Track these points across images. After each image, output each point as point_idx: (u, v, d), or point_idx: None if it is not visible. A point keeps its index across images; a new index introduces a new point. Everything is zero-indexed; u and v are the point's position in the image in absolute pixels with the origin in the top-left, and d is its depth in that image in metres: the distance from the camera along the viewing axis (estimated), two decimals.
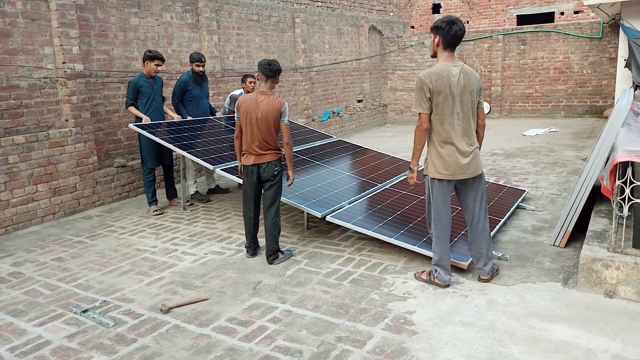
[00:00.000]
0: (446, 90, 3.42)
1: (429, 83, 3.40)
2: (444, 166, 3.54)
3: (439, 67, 3.46)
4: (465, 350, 2.91)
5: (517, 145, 9.58)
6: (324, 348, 2.99)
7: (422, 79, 3.43)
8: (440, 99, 3.43)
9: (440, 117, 3.47)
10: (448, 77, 3.43)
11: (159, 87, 6.13)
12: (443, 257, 3.69)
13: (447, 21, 3.45)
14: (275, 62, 4.24)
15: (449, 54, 3.51)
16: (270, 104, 4.17)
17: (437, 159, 3.55)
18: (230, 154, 5.75)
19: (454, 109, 3.48)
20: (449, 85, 3.42)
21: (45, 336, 3.28)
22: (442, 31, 3.45)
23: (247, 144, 4.25)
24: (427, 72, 3.45)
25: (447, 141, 3.51)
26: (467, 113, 3.52)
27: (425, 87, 3.41)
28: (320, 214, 4.61)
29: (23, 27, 5.66)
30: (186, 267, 4.37)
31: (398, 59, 13.60)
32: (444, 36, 3.46)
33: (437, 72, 3.42)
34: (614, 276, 3.46)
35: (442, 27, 3.45)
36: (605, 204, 4.54)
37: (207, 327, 3.31)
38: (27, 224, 5.67)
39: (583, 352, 2.84)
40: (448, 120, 3.48)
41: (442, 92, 3.42)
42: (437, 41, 3.50)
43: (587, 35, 12.55)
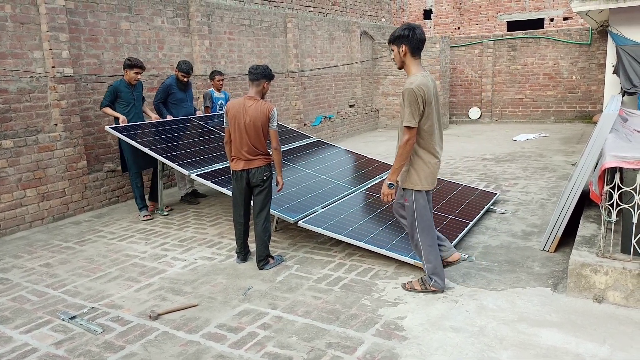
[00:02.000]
0: (431, 100, 3.41)
1: (423, 95, 3.33)
2: (430, 177, 3.53)
3: (422, 77, 3.40)
4: (456, 355, 2.91)
5: (507, 150, 9.64)
6: (314, 354, 2.98)
7: (415, 91, 3.31)
8: (429, 110, 3.41)
9: (430, 128, 3.45)
10: (431, 86, 3.43)
11: (139, 93, 6.13)
12: (437, 264, 3.68)
13: (408, 27, 3.40)
14: (261, 67, 4.21)
15: (419, 62, 3.49)
16: (258, 109, 4.15)
17: (424, 170, 3.50)
18: (206, 157, 5.76)
19: (435, 117, 3.48)
20: (432, 94, 3.41)
21: (32, 343, 3.23)
22: (407, 39, 3.40)
23: (236, 149, 4.23)
24: (417, 83, 3.36)
25: (433, 152, 3.51)
26: (440, 120, 3.58)
27: (420, 99, 3.32)
28: (292, 219, 4.64)
29: (12, 31, 5.62)
30: (176, 272, 4.34)
31: (390, 64, 13.65)
32: (410, 43, 3.41)
33: (424, 83, 3.37)
34: (603, 281, 3.48)
35: (406, 35, 3.39)
36: (594, 209, 4.57)
37: (197, 333, 3.29)
38: (15, 229, 5.61)
39: (572, 357, 2.85)
40: (434, 131, 3.48)
41: (430, 102, 3.39)
42: (404, 50, 3.44)
43: (576, 42, 12.69)
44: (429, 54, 12.96)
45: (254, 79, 4.19)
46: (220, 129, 6.80)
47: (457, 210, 5.32)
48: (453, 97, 14.38)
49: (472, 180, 7.22)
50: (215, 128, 6.80)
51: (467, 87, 14.24)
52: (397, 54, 3.49)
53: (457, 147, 10.32)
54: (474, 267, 4.17)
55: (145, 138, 5.76)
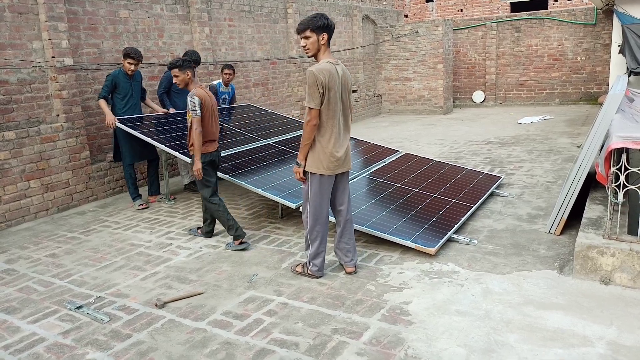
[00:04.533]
0: (335, 87, 3.48)
1: (322, 79, 3.40)
2: (329, 162, 3.58)
3: (327, 64, 3.48)
4: (462, 339, 2.91)
5: (511, 133, 9.57)
6: (320, 340, 2.98)
7: (315, 74, 3.39)
8: (331, 96, 3.48)
9: (330, 113, 3.52)
10: (335, 74, 3.49)
11: (138, 84, 6.10)
12: (319, 250, 3.77)
13: (325, 17, 3.47)
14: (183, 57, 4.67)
15: (329, 51, 3.59)
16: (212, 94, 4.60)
17: (323, 155, 3.57)
18: None
19: (337, 105, 3.55)
20: (336, 82, 3.49)
21: (40, 333, 3.25)
22: (328, 28, 3.48)
23: (213, 132, 4.57)
24: (319, 67, 3.44)
25: (332, 137, 3.56)
26: (346, 110, 3.66)
27: (319, 82, 3.40)
28: (294, 205, 4.65)
29: (10, 21, 5.57)
30: (181, 261, 4.34)
31: (392, 48, 13.52)
32: (329, 32, 3.51)
33: (327, 69, 3.45)
34: (610, 263, 3.46)
35: (328, 24, 3.47)
36: (600, 191, 4.54)
37: (203, 321, 3.30)
38: (20, 220, 5.62)
39: (579, 340, 2.84)
40: (335, 117, 3.55)
41: (332, 88, 3.47)
42: (324, 39, 3.51)
43: (581, 22, 12.51)
44: (431, 37, 12.82)
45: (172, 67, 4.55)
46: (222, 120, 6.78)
47: (461, 194, 5.29)
48: (456, 81, 14.26)
49: (476, 164, 7.18)
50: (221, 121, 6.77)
51: (471, 70, 14.10)
52: (314, 42, 3.52)
53: (461, 131, 10.26)
54: (479, 251, 4.15)
55: (149, 129, 5.75)
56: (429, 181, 5.62)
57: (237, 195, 6.35)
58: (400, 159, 6.38)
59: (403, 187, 5.34)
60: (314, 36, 3.49)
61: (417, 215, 4.67)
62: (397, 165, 6.10)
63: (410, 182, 5.52)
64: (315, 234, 3.73)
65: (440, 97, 13.07)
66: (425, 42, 12.97)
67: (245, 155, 5.69)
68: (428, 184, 5.53)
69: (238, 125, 6.70)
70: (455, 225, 4.50)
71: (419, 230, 4.35)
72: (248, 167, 5.36)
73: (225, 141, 6.00)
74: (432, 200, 5.06)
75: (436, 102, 13.15)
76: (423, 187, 5.42)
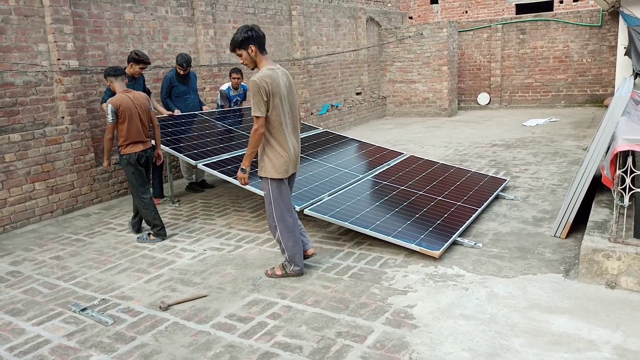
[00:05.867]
0: (279, 93, 3.57)
1: (266, 86, 3.47)
2: (283, 166, 3.67)
3: (269, 71, 3.57)
4: (466, 343, 2.89)
5: (517, 135, 9.53)
6: (324, 343, 2.97)
7: (258, 82, 3.46)
8: (277, 101, 3.56)
9: (278, 118, 3.60)
10: (278, 80, 3.58)
11: (140, 87, 6.11)
12: (296, 250, 3.84)
13: (249, 29, 3.59)
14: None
15: (267, 57, 3.68)
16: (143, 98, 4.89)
17: (277, 159, 3.65)
18: (213, 148, 5.76)
19: (284, 109, 3.64)
20: (279, 87, 3.57)
21: (44, 335, 3.26)
22: (252, 39, 3.58)
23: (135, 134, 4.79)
24: (261, 75, 3.51)
25: (284, 141, 3.65)
26: (294, 112, 3.75)
27: (263, 90, 3.47)
28: (298, 207, 4.64)
29: (16, 24, 5.60)
30: (185, 263, 4.35)
31: (396, 50, 13.51)
32: (256, 41, 3.60)
33: (270, 75, 3.53)
34: (615, 267, 3.44)
35: (250, 36, 3.58)
36: (606, 194, 4.51)
37: (207, 324, 3.29)
38: (25, 222, 5.65)
39: (584, 344, 2.83)
40: (283, 121, 3.64)
41: (277, 94, 3.55)
42: (253, 51, 3.61)
43: (586, 24, 12.46)
44: (436, 39, 12.80)
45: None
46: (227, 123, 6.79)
47: (466, 197, 5.27)
48: (461, 83, 14.22)
49: (481, 166, 7.15)
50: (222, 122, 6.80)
51: (476, 72, 14.07)
52: (247, 57, 3.64)
53: (466, 133, 10.23)
54: (484, 254, 4.13)
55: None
56: (434, 184, 5.60)
57: (241, 197, 6.35)
58: (404, 161, 6.36)
59: (407, 190, 5.33)
60: (244, 52, 3.63)
61: (421, 218, 4.65)
62: (401, 167, 6.08)
63: (414, 185, 5.50)
64: (288, 236, 3.80)
65: (445, 100, 13.04)
66: (429, 44, 12.95)
67: None
68: (433, 186, 5.52)
69: (243, 128, 6.70)
70: (460, 229, 4.49)
71: (423, 233, 4.34)
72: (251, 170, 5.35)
73: (229, 143, 6.01)
74: (436, 203, 5.04)
75: (441, 105, 13.13)
76: (427, 189, 5.40)
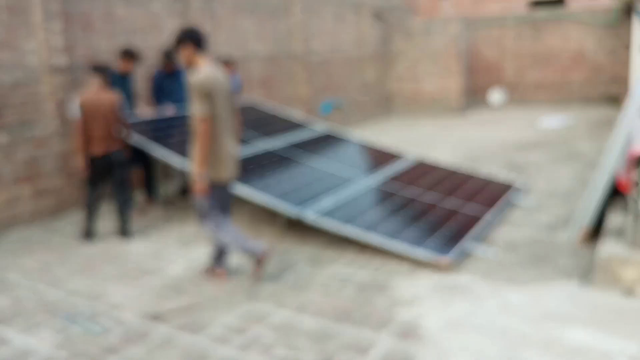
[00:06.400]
0: (222, 94, 3.54)
1: (209, 87, 3.43)
2: (224, 169, 3.63)
3: (210, 71, 3.50)
4: (477, 357, 2.75)
5: (529, 136, 9.32)
6: (324, 357, 2.83)
7: (203, 83, 3.41)
8: (219, 102, 3.52)
9: (218, 120, 3.55)
10: (220, 79, 3.54)
11: (131, 83, 6.00)
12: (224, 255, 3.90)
13: (185, 29, 3.56)
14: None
15: (206, 57, 3.62)
16: (108, 99, 4.83)
17: (219, 162, 3.60)
18: None
19: (223, 112, 3.59)
20: (221, 86, 3.53)
21: (31, 344, 3.12)
22: (189, 38, 3.54)
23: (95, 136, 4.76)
24: (205, 76, 3.44)
25: (224, 144, 3.61)
26: (231, 115, 3.71)
27: (207, 91, 3.43)
28: (299, 213, 4.50)
29: (5, 21, 5.44)
30: (178, 271, 4.19)
31: (403, 46, 13.29)
32: (193, 40, 3.55)
33: (213, 76, 3.48)
34: (632, 274, 3.32)
35: (188, 35, 3.54)
36: (623, 199, 4.33)
37: (200, 334, 3.14)
38: (12, 227, 5.47)
39: (600, 355, 2.70)
40: (224, 123, 3.61)
41: (219, 95, 3.51)
42: (190, 50, 3.56)
43: (601, 22, 12.18)
44: (445, 35, 12.56)
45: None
46: None
47: (476, 202, 5.09)
48: (472, 81, 13.95)
49: (493, 169, 6.96)
50: None
51: (487, 70, 13.77)
52: (184, 56, 3.61)
53: (476, 133, 10.02)
54: (495, 262, 3.98)
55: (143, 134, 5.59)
56: (442, 188, 5.42)
57: (238, 201, 6.19)
58: (410, 165, 6.17)
59: (414, 195, 5.15)
60: (182, 50, 3.60)
61: (429, 224, 4.49)
62: (408, 172, 5.89)
63: (422, 190, 5.32)
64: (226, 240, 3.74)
65: (454, 98, 12.80)
66: (438, 41, 12.70)
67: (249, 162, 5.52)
68: (441, 191, 5.33)
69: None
70: (470, 235, 4.32)
71: (431, 240, 4.17)
72: (250, 173, 5.20)
73: None
74: (445, 208, 4.86)
75: (450, 103, 12.89)
76: (435, 194, 5.22)
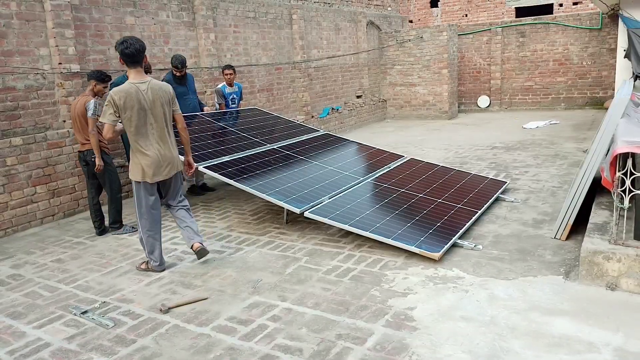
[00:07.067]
0: (136, 106, 3.87)
1: (116, 100, 3.83)
2: (145, 170, 3.99)
3: (127, 85, 3.90)
4: (467, 345, 2.89)
5: (517, 138, 9.54)
6: (324, 346, 2.98)
7: (112, 95, 3.84)
8: (132, 113, 3.88)
9: (135, 129, 3.93)
10: (137, 94, 3.88)
11: None
12: (155, 248, 4.16)
13: (119, 42, 3.89)
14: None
15: (136, 71, 3.96)
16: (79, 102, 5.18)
17: (139, 164, 3.99)
18: (214, 150, 5.77)
19: (147, 120, 3.96)
20: (138, 100, 3.88)
21: (45, 338, 3.27)
22: (122, 54, 3.89)
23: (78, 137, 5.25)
24: (117, 89, 3.87)
25: (145, 149, 3.97)
26: (160, 122, 4.03)
27: (112, 103, 3.84)
28: (299, 210, 4.67)
29: (18, 29, 5.63)
30: (186, 266, 4.35)
31: (397, 53, 13.53)
32: (121, 55, 3.91)
33: (126, 90, 3.86)
34: (616, 269, 3.44)
35: (117, 49, 3.91)
36: (606, 196, 4.51)
37: (207, 326, 3.30)
38: (27, 225, 5.66)
39: (584, 346, 2.82)
40: (142, 131, 3.96)
41: (132, 107, 3.87)
42: (123, 63, 3.97)
43: (586, 27, 12.48)
44: (436, 42, 12.82)
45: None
46: (227, 124, 6.81)
47: (466, 199, 5.28)
48: (461, 86, 14.24)
49: (481, 169, 7.16)
50: (222, 123, 6.81)
51: (476, 75, 14.08)
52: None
53: (467, 135, 10.24)
54: (484, 257, 4.13)
55: None
56: (434, 186, 5.61)
57: (242, 200, 6.36)
58: (405, 164, 6.37)
59: (408, 192, 5.34)
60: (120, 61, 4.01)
61: (421, 220, 4.66)
62: (402, 170, 6.09)
63: (415, 187, 5.51)
64: (148, 234, 4.12)
65: (445, 102, 13.05)
66: (430, 48, 12.97)
67: (250, 160, 5.70)
68: (433, 189, 5.52)
69: (243, 129, 6.72)
70: (460, 231, 4.49)
71: (423, 235, 4.34)
72: (253, 171, 5.37)
73: (230, 145, 6.02)
74: (436, 205, 5.05)
75: (441, 107, 13.14)
76: (428, 192, 5.41)
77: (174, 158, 4.14)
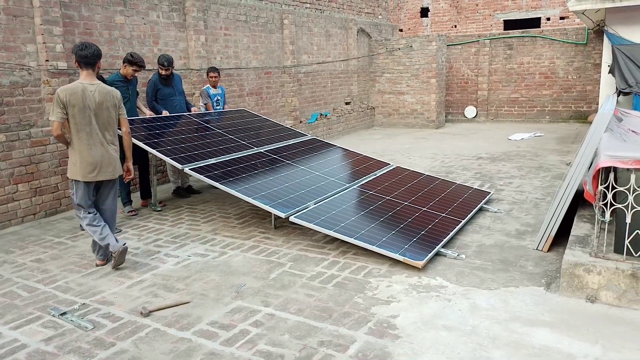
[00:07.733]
0: (80, 104, 4.04)
1: (63, 97, 4.00)
2: (84, 170, 4.11)
3: (75, 85, 4.10)
4: (448, 354, 2.90)
5: (502, 149, 9.65)
6: (306, 352, 2.96)
7: (58, 93, 4.01)
8: (75, 111, 4.04)
9: (77, 127, 4.08)
10: (83, 93, 4.06)
11: (134, 88, 6.12)
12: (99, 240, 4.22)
13: (79, 46, 4.13)
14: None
15: (87, 73, 4.17)
16: None
17: (77, 163, 4.11)
18: (200, 152, 5.74)
19: (90, 120, 4.11)
20: (83, 100, 4.05)
21: (22, 339, 3.20)
22: (77, 55, 4.12)
23: None
24: (64, 87, 4.06)
25: (82, 149, 4.10)
26: (104, 124, 4.21)
27: (59, 100, 3.99)
28: (284, 214, 4.65)
29: (5, 24, 5.55)
30: (168, 269, 4.31)
31: (386, 61, 13.62)
32: (76, 57, 4.14)
33: (72, 88, 4.06)
34: (596, 281, 3.48)
35: (74, 51, 4.15)
36: (588, 209, 4.57)
37: (188, 330, 3.27)
38: (7, 224, 5.56)
39: (564, 357, 2.85)
40: (85, 130, 4.10)
41: (75, 105, 4.02)
42: (76, 64, 4.17)
43: (572, 41, 12.70)
44: (425, 52, 12.93)
45: None
46: (214, 126, 6.79)
47: (450, 209, 5.31)
48: (449, 96, 14.38)
49: (466, 179, 7.22)
50: (209, 124, 6.77)
51: (463, 86, 14.24)
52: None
53: (453, 145, 10.32)
54: (467, 266, 4.16)
55: (140, 133, 5.71)
56: (419, 195, 5.64)
57: (228, 203, 6.33)
58: (390, 172, 6.40)
59: (393, 200, 5.36)
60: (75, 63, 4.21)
61: (406, 228, 4.68)
62: (387, 178, 6.12)
63: (400, 196, 5.53)
64: (91, 229, 4.23)
65: (433, 111, 13.16)
66: (419, 57, 13.08)
67: (237, 163, 5.68)
68: (418, 197, 5.55)
69: (231, 132, 6.69)
70: (444, 240, 4.52)
71: (407, 243, 4.36)
72: (239, 174, 5.35)
73: (217, 147, 5.98)
74: (421, 213, 5.08)
75: (429, 116, 13.24)
76: (413, 200, 5.43)
77: (114, 160, 4.27)
